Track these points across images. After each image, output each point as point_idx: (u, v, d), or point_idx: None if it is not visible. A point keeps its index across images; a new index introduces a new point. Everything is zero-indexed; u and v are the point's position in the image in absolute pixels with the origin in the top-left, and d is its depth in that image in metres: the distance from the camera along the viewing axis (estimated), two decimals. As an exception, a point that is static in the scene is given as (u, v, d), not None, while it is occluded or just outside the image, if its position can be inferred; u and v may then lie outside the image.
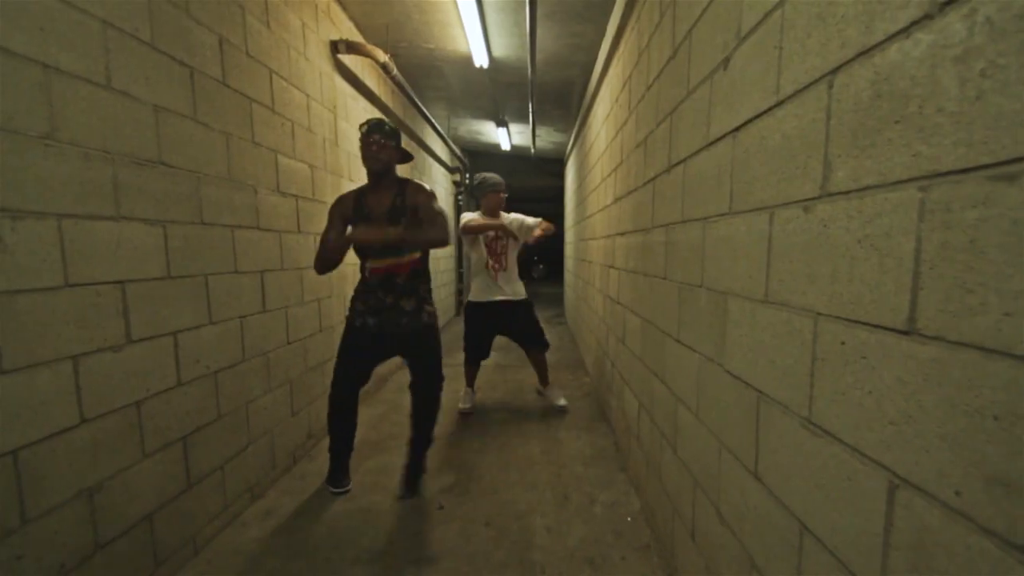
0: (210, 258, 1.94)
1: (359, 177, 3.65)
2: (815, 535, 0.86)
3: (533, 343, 3.47)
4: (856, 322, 0.75)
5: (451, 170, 7.51)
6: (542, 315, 7.35)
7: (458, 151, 7.26)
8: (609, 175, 3.20)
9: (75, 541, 1.38)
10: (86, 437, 1.42)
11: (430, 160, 6.15)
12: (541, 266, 16.87)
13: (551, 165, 8.77)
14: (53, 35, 1.32)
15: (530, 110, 4.89)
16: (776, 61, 0.99)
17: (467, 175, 7.85)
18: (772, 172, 1.00)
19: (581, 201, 5.15)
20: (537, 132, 6.20)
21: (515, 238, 3.43)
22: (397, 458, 2.70)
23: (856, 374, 0.76)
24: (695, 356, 1.47)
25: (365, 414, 2.86)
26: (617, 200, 2.87)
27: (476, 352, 3.43)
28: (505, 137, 6.80)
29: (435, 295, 4.13)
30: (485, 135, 7.21)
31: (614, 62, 3.05)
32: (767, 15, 1.03)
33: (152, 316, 1.65)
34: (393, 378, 4.28)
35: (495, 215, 3.39)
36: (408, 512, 2.16)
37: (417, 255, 2.28)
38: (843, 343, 0.78)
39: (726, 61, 1.24)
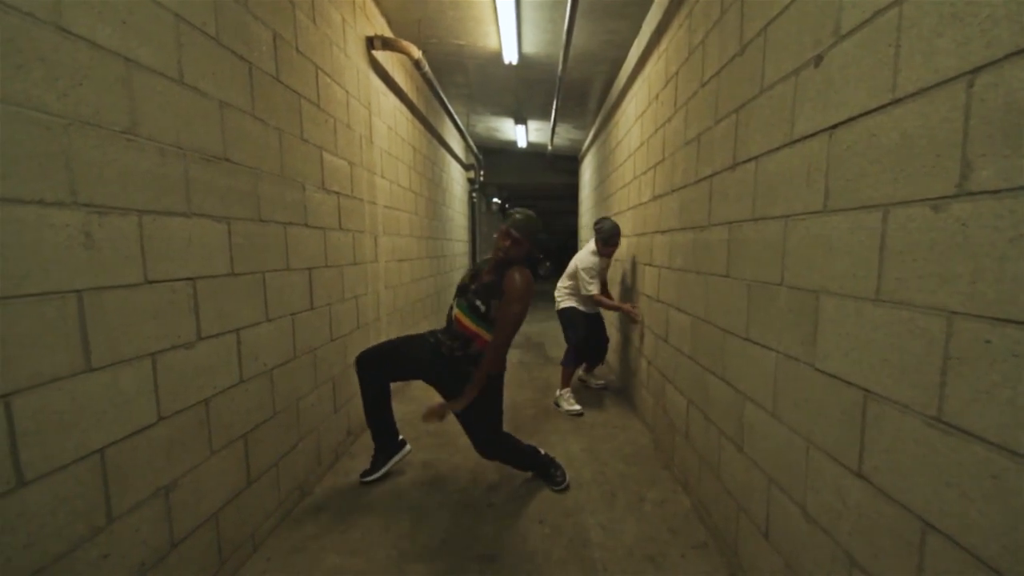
0: (267, 255, 1.93)
1: (391, 174, 3.64)
2: (943, 532, 0.85)
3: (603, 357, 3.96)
4: (1007, 321, 0.75)
5: (466, 167, 7.49)
6: (547, 311, 7.39)
7: (475, 148, 7.24)
8: (645, 172, 3.19)
9: (154, 539, 1.38)
10: (163, 435, 1.41)
11: (448, 157, 6.14)
12: (548, 263, 16.87)
13: (565, 162, 8.75)
14: (133, 28, 1.32)
15: (554, 107, 4.87)
16: (891, 59, 0.98)
17: (481, 172, 7.83)
18: (885, 170, 1.00)
19: (604, 199, 5.14)
20: (556, 129, 6.18)
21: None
22: (440, 455, 2.71)
23: (1004, 372, 0.75)
24: (771, 354, 1.47)
25: (398, 410, 2.85)
26: (657, 198, 2.86)
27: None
28: (523, 134, 6.79)
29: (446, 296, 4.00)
30: (502, 132, 7.19)
31: (652, 59, 3.03)
32: (877, 13, 1.02)
33: (218, 313, 1.65)
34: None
35: (610, 258, 3.52)
36: (460, 509, 2.16)
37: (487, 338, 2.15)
38: (988, 342, 0.78)
39: (818, 58, 1.23)
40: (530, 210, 2.16)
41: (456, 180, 6.72)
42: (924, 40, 0.91)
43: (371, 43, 3.16)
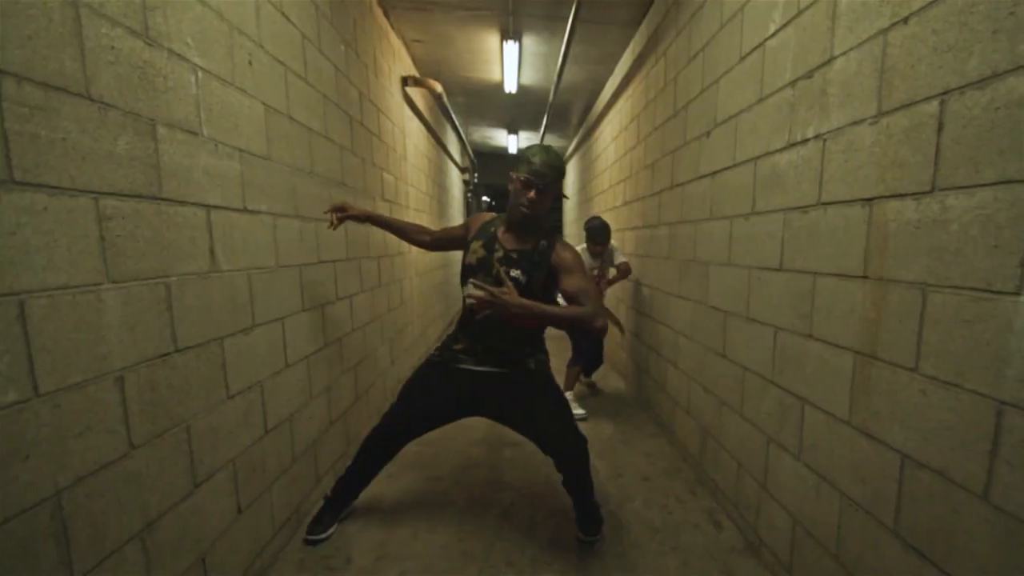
0: (359, 248, 2.84)
1: (415, 182, 4.55)
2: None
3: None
4: (766, 270, 1.72)
5: (462, 169, 8.41)
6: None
7: (471, 153, 8.15)
8: (618, 183, 4.17)
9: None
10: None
11: (449, 163, 7.04)
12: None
13: (548, 164, 9.73)
14: (314, 112, 2.21)
15: (543, 124, 5.82)
16: (733, 144, 1.95)
17: (475, 174, 8.74)
18: (731, 199, 1.97)
19: (586, 200, 6.11)
20: (544, 139, 7.15)
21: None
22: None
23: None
24: (688, 304, 2.45)
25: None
26: (627, 203, 3.84)
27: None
28: (514, 142, 7.74)
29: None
30: (495, 139, 8.13)
31: (622, 98, 4.01)
32: (730, 118, 1.99)
33: (343, 284, 2.55)
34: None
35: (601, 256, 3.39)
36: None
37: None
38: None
39: (708, 134, 2.20)
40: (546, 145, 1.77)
41: (455, 182, 7.63)
42: (751, 136, 1.88)
43: (405, 81, 4.06)
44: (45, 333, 0.94)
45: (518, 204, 1.71)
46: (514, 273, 1.71)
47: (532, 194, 1.68)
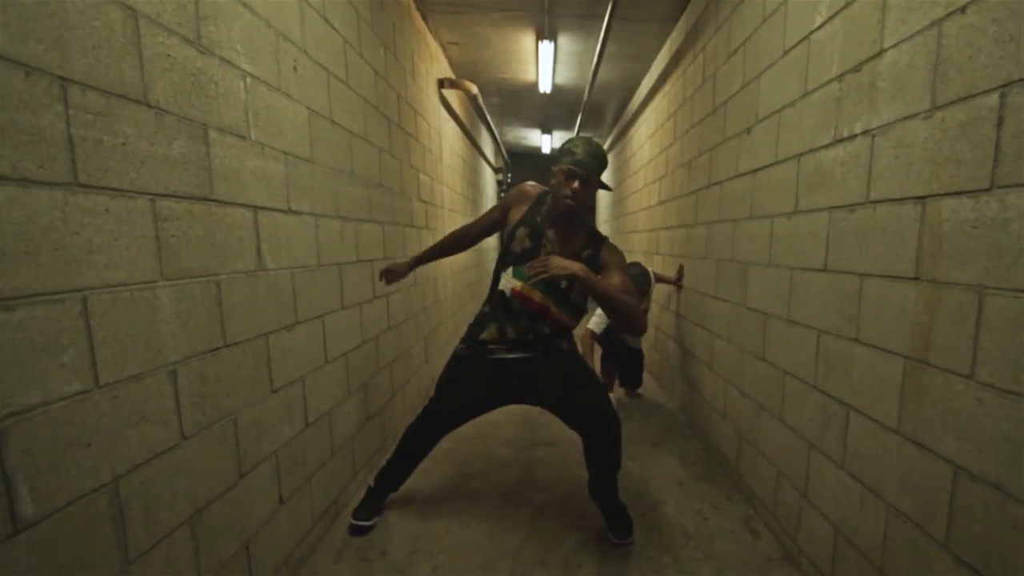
0: (396, 248, 2.89)
1: (450, 183, 4.60)
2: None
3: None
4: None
5: (496, 169, 8.45)
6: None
7: (504, 152, 8.19)
8: (653, 182, 4.11)
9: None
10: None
11: (483, 163, 7.09)
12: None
13: (582, 164, 9.68)
14: (355, 116, 2.26)
15: (577, 123, 5.79)
16: (775, 140, 1.90)
17: (508, 174, 8.77)
18: (773, 198, 1.92)
19: (620, 200, 6.05)
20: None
21: None
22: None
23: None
24: (726, 304, 2.39)
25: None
26: (662, 203, 3.79)
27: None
28: (548, 142, 7.72)
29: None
30: (529, 139, 8.14)
31: (658, 96, 3.95)
32: (773, 113, 1.94)
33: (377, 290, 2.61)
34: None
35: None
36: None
37: (568, 319, 1.83)
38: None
39: (748, 131, 2.15)
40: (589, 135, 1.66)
41: (488, 182, 7.68)
42: (794, 132, 1.82)
43: (441, 83, 4.11)
44: (106, 328, 1.00)
45: (562, 196, 1.69)
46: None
47: (576, 184, 1.66)
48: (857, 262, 1.43)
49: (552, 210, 1.78)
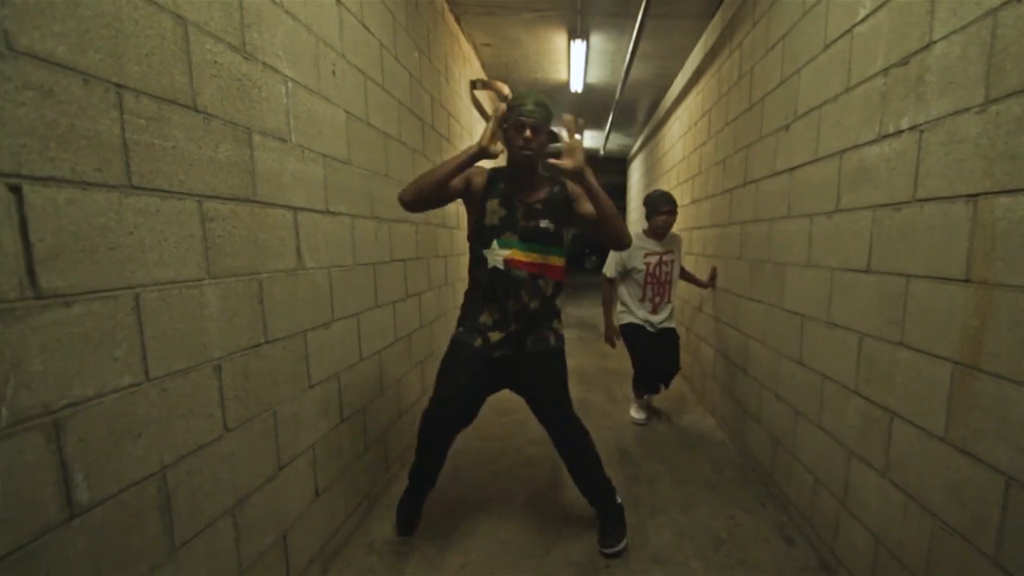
0: (428, 247, 2.92)
1: (481, 183, 4.62)
2: None
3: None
4: (850, 272, 1.62)
5: (526, 170, 8.45)
6: (595, 299, 8.16)
7: (534, 153, 8.18)
8: (685, 181, 4.04)
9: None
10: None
11: (514, 163, 7.10)
12: (593, 257, 17.58)
13: (614, 164, 9.60)
14: (391, 119, 2.30)
15: (609, 121, 5.74)
16: (815, 139, 1.85)
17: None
18: (811, 196, 1.86)
19: (651, 199, 5.97)
20: (609, 137, 7.05)
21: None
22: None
23: (850, 296, 1.62)
24: (760, 306, 2.34)
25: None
26: (695, 202, 3.72)
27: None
28: (578, 141, 7.67)
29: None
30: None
31: (692, 93, 3.88)
32: (812, 110, 1.88)
33: (424, 277, 2.64)
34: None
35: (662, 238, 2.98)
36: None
37: (563, 262, 1.87)
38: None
39: (787, 127, 2.09)
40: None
41: (519, 182, 7.68)
42: (835, 128, 1.77)
43: (474, 84, 4.13)
44: (156, 323, 1.05)
45: (518, 148, 1.72)
46: (544, 224, 1.78)
47: (528, 133, 1.70)
48: (903, 263, 1.38)
49: (513, 172, 1.81)
